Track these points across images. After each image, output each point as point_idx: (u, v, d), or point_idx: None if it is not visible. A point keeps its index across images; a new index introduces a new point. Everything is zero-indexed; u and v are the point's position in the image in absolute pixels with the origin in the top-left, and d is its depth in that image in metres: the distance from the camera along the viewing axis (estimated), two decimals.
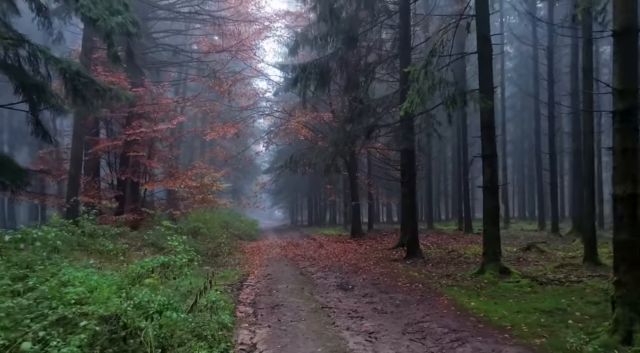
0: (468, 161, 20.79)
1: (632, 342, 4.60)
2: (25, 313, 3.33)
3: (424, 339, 5.42)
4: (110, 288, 4.15)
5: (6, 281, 4.11)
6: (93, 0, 6.59)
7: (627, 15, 4.86)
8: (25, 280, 4.38)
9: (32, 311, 3.37)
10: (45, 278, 4.45)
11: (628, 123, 4.89)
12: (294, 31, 19.09)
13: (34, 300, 3.56)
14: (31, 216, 34.87)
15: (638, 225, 4.95)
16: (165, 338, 4.36)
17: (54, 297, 3.72)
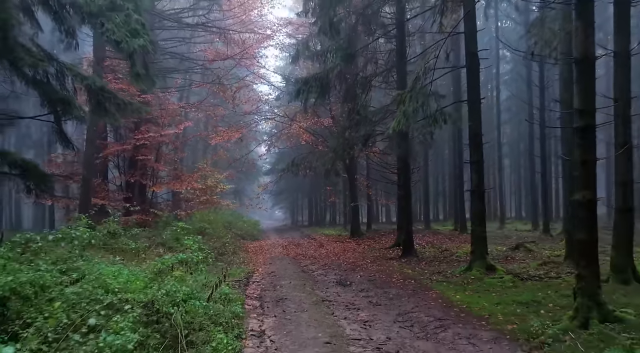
0: (462, 164, 21.55)
1: (588, 327, 5.36)
2: (80, 298, 4.08)
3: (412, 326, 6.19)
4: (144, 280, 4.91)
5: (55, 273, 4.88)
6: (116, 24, 7.37)
7: (586, 45, 5.62)
8: (70, 273, 5.15)
9: (86, 297, 4.13)
10: (85, 272, 5.22)
11: (587, 139, 5.66)
12: (295, 39, 19.86)
13: (84, 289, 4.32)
14: (35, 217, 35.66)
15: (595, 226, 5.71)
16: (188, 323, 5.13)
17: (100, 286, 4.48)
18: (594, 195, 5.66)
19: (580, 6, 5.62)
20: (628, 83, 7.77)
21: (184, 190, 18.22)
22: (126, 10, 8.12)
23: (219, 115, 21.88)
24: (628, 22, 7.74)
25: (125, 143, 17.15)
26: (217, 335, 5.19)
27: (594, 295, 5.60)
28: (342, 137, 12.44)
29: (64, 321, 3.56)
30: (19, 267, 4.77)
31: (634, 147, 8.13)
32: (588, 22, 5.61)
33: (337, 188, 30.64)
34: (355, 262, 12.88)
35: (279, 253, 16.51)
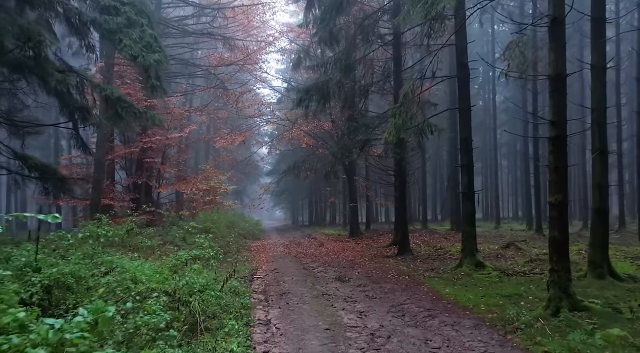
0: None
1: (558, 315, 6.03)
2: (115, 287, 4.75)
3: (403, 316, 6.86)
4: (165, 273, 5.58)
5: (88, 267, 5.55)
6: (133, 40, 8.03)
7: (558, 64, 6.30)
8: (99, 266, 5.82)
9: (120, 286, 4.79)
10: (112, 266, 5.90)
11: (559, 147, 6.33)
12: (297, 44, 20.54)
13: (116, 279, 4.99)
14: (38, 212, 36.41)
15: (567, 225, 6.39)
16: (203, 311, 5.81)
17: (129, 278, 5.15)
18: (565, 197, 6.34)
19: (553, 29, 6.29)
20: (604, 94, 8.44)
21: (189, 191, 18.89)
22: (141, 26, 8.80)
23: (222, 118, 22.57)
24: (604, 38, 8.41)
25: (133, 146, 17.81)
26: (229, 322, 5.86)
27: (564, 287, 6.28)
28: (341, 142, 13.12)
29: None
30: (56, 261, 5.45)
31: (609, 153, 8.77)
32: (560, 44, 6.29)
33: (337, 189, 31.33)
34: (354, 260, 13.55)
35: (281, 252, 17.15)
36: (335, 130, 19.83)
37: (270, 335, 6.00)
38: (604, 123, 8.42)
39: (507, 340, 5.49)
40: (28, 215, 3.22)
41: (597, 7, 8.46)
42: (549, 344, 5.11)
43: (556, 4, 6.26)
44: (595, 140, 8.46)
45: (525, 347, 5.18)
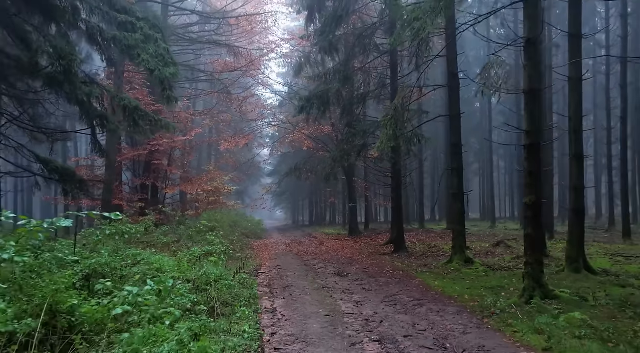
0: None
1: (531, 303, 6.82)
2: (145, 275, 5.53)
3: (395, 305, 7.65)
4: (185, 265, 6.39)
5: (118, 259, 6.35)
6: (150, 55, 8.81)
7: (532, 80, 7.09)
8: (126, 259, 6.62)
9: (148, 275, 5.58)
10: (137, 259, 6.70)
11: (533, 154, 7.12)
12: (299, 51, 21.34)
13: (145, 269, 5.78)
14: (43, 213, 37.20)
15: (540, 223, 7.18)
16: (218, 298, 6.60)
17: (155, 268, 5.94)
18: (539, 199, 7.13)
19: (528, 49, 7.08)
20: (580, 104, 9.24)
21: (195, 192, 19.67)
22: (155, 41, 9.59)
23: (226, 121, 23.38)
24: (580, 53, 9.20)
25: (141, 148, 18.58)
26: (240, 309, 6.65)
27: (537, 278, 7.08)
28: (340, 147, 13.93)
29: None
30: (90, 254, 6.24)
31: (585, 157, 9.55)
32: (534, 62, 7.08)
33: (337, 190, 32.10)
34: (352, 257, 14.34)
35: (283, 250, 17.94)
36: (335, 133, 20.64)
37: (276, 320, 6.79)
38: (579, 130, 9.21)
39: (483, 323, 6.29)
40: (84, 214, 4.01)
41: (574, 25, 9.24)
42: (518, 326, 5.91)
43: (531, 27, 7.05)
44: (572, 146, 9.26)
45: (497, 328, 5.98)
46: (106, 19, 9.85)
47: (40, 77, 8.29)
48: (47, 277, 4.45)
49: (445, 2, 6.39)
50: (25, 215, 4.94)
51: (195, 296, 5.58)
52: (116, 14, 9.88)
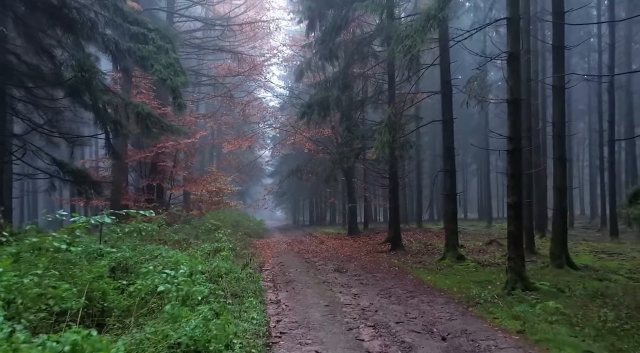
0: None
1: (512, 294, 7.50)
2: (165, 268, 6.20)
3: (389, 297, 8.32)
4: (198, 259, 7.06)
5: (137, 253, 7.02)
6: (162, 66, 9.48)
7: (514, 90, 7.77)
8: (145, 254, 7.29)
9: (168, 267, 6.24)
10: (155, 254, 7.38)
11: (514, 158, 7.80)
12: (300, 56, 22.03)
13: (164, 263, 6.45)
14: (49, 211, 37.94)
15: (521, 221, 7.85)
16: (228, 289, 7.27)
17: (172, 262, 6.61)
18: (520, 199, 7.81)
19: (510, 63, 7.76)
20: (563, 111, 9.91)
21: (199, 192, 20.34)
22: (166, 51, 10.26)
23: (229, 123, 24.06)
24: (562, 64, 9.87)
25: (147, 150, 19.26)
26: (248, 299, 7.32)
27: (519, 272, 7.76)
28: (340, 149, 14.64)
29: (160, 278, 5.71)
30: (112, 249, 6.92)
31: (567, 160, 10.22)
32: (515, 75, 7.76)
33: (337, 190, 32.75)
34: (351, 255, 15.01)
35: (284, 248, 18.60)
36: (335, 135, 21.31)
37: (280, 309, 7.47)
38: (563, 135, 9.88)
39: (468, 311, 6.96)
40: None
41: (557, 37, 9.91)
42: (498, 313, 6.59)
43: (512, 43, 7.72)
44: (555, 150, 9.93)
45: (480, 316, 6.65)
46: (119, 31, 10.51)
47: (62, 87, 8.97)
48: (81, 266, 5.13)
49: (432, 23, 7.11)
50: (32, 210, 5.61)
51: (211, 285, 6.24)
52: (129, 25, 10.55)
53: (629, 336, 5.23)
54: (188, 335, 3.64)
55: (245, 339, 5.22)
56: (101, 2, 10.40)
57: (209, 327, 3.76)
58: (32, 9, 8.75)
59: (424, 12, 7.28)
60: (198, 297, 4.37)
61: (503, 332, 5.82)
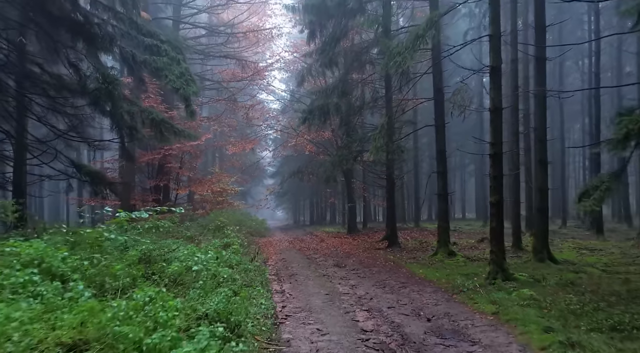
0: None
1: (494, 283, 8.35)
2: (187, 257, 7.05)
3: (384, 287, 9.17)
4: (212, 252, 7.90)
5: (158, 246, 7.88)
6: (176, 76, 10.33)
7: (496, 100, 8.62)
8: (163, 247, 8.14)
9: (189, 257, 7.09)
10: (174, 247, 8.23)
11: (496, 162, 8.65)
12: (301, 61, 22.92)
13: (185, 253, 7.30)
14: (51, 209, 38.92)
15: (502, 219, 8.70)
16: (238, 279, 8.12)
17: (191, 253, 7.46)
18: (501, 198, 8.66)
19: (492, 75, 8.61)
20: (544, 117, 10.77)
21: (205, 192, 21.19)
22: (178, 62, 11.12)
23: (232, 126, 24.93)
24: (544, 74, 10.72)
25: (155, 152, 20.10)
26: (256, 288, 8.17)
27: (500, 264, 8.61)
28: (339, 152, 15.51)
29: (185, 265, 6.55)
30: (135, 243, 7.76)
31: (548, 163, 11.06)
32: (497, 86, 8.61)
33: (337, 191, 33.59)
34: (350, 252, 15.86)
35: (286, 246, 19.45)
36: (335, 138, 22.17)
37: (285, 297, 8.32)
38: (544, 140, 10.73)
39: (452, 298, 7.82)
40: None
41: (539, 50, 10.76)
42: (478, 299, 7.44)
43: (494, 57, 8.57)
44: (537, 153, 10.78)
45: (462, 302, 7.51)
46: (134, 42, 11.37)
47: (86, 96, 9.83)
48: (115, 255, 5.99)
49: (421, 41, 7.96)
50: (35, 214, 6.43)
51: (229, 269, 7.11)
52: (143, 37, 11.41)
53: (586, 315, 6.08)
54: (213, 309, 4.49)
55: (256, 320, 6.08)
56: (117, 15, 11.27)
57: (230, 301, 4.60)
58: (57, 24, 9.59)
59: (413, 32, 8.16)
60: (223, 276, 5.23)
61: (480, 314, 6.68)
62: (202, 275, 5.29)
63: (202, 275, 5.27)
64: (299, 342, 5.48)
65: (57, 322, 2.84)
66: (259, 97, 25.18)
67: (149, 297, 3.37)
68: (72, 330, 2.79)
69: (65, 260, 4.27)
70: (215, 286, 5.28)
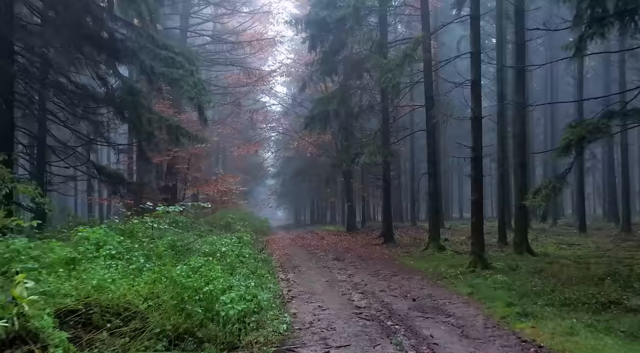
0: (440, 170, 25.72)
1: (474, 271, 9.49)
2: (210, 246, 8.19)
3: (377, 276, 10.31)
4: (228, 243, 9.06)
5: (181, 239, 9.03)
6: (190, 86, 11.46)
7: (476, 110, 9.77)
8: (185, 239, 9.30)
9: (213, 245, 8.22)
10: (194, 238, 9.40)
11: (476, 165, 9.80)
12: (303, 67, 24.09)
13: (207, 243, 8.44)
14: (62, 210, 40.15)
15: (482, 214, 9.85)
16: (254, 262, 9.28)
17: (211, 243, 8.61)
18: (481, 197, 9.82)
19: (473, 88, 9.76)
20: (523, 125, 11.92)
21: (212, 192, 22.36)
22: (191, 73, 12.27)
23: (237, 129, 26.11)
24: (523, 86, 11.88)
25: (165, 154, 21.26)
26: (265, 276, 9.32)
27: (479, 254, 9.77)
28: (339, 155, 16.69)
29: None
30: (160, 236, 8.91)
31: (528, 165, 12.17)
32: (477, 97, 9.76)
33: (337, 191, 34.73)
34: (349, 247, 17.00)
35: (289, 243, 20.58)
36: (335, 141, 23.33)
37: (290, 284, 9.46)
38: (523, 143, 11.89)
39: (436, 283, 8.97)
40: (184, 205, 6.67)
41: (520, 60, 11.91)
42: (457, 284, 8.60)
43: (475, 73, 9.72)
44: (516, 156, 11.94)
45: (444, 286, 8.66)
46: (151, 55, 12.51)
47: (111, 105, 10.99)
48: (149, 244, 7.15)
49: (409, 60, 9.11)
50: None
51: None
52: (159, 50, 12.55)
53: (544, 294, 7.23)
54: (242, 273, 5.65)
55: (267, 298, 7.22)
56: (136, 30, 12.42)
57: (250, 277, 5.75)
58: (86, 41, 10.73)
59: (402, 51, 9.32)
60: (246, 255, 6.38)
61: (457, 295, 7.84)
62: (228, 254, 6.45)
63: (229, 254, 6.44)
64: (304, 314, 6.64)
65: (133, 282, 3.99)
66: (262, 101, 26.32)
67: (200, 263, 4.51)
68: (146, 285, 3.94)
69: (121, 243, 5.40)
70: (238, 263, 6.44)
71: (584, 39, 6.13)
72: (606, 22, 5.82)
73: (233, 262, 5.79)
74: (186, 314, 3.81)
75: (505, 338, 5.38)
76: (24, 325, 2.99)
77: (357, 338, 5.44)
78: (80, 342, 3.29)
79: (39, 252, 4.28)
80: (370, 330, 5.80)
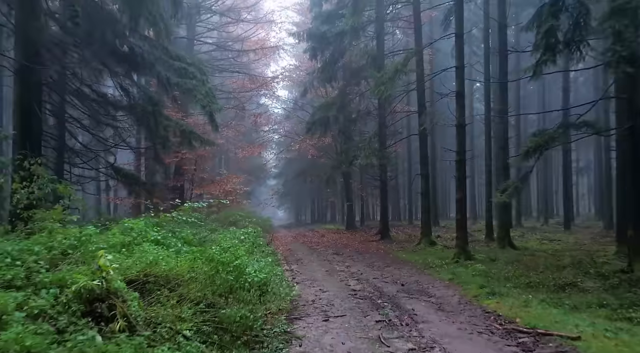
0: (435, 171, 26.86)
1: (457, 262, 10.66)
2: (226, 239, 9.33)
3: (372, 267, 11.48)
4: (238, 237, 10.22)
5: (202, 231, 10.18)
6: (203, 95, 12.62)
7: (460, 118, 10.93)
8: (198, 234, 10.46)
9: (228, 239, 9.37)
10: (210, 233, 10.57)
11: (460, 167, 10.96)
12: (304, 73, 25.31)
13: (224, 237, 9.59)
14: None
15: (465, 211, 11.01)
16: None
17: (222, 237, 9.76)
18: (464, 195, 10.97)
19: (457, 99, 10.93)
20: (506, 131, 13.08)
21: (217, 192, 23.52)
22: (203, 83, 13.43)
23: (241, 132, 27.30)
24: (506, 96, 13.03)
25: (173, 155, 22.42)
26: (273, 266, 10.47)
27: (463, 247, 10.93)
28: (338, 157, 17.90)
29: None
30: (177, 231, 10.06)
31: (510, 168, 13.33)
32: (461, 106, 10.92)
33: (336, 191, 35.91)
34: (347, 244, 18.17)
35: (291, 240, 21.74)
36: (335, 143, 24.53)
37: (294, 273, 10.63)
38: (506, 147, 13.05)
39: (423, 272, 10.14)
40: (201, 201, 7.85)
41: (503, 72, 13.07)
42: (442, 272, 9.76)
43: (459, 85, 10.89)
44: (499, 159, 13.10)
45: (430, 274, 9.83)
46: (166, 66, 13.67)
47: (132, 113, 12.16)
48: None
49: (399, 74, 10.27)
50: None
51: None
52: (173, 61, 13.71)
53: (514, 279, 8.41)
54: (253, 267, 6.81)
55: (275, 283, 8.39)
56: (152, 43, 13.59)
57: (262, 263, 6.91)
58: (109, 54, 11.89)
59: (394, 65, 10.48)
60: (260, 243, 7.54)
61: (440, 281, 9.01)
62: (246, 242, 7.65)
63: (247, 241, 7.65)
64: (307, 295, 7.82)
65: (176, 260, 5.18)
66: (265, 104, 27.49)
67: (229, 245, 5.69)
68: (187, 262, 5.13)
69: (158, 233, 6.56)
70: (255, 248, 7.63)
71: (540, 64, 7.29)
72: (557, 50, 6.96)
73: (250, 247, 6.95)
74: (220, 282, 5.01)
75: (473, 310, 6.56)
76: (108, 285, 4.16)
77: (352, 311, 6.62)
78: (144, 301, 4.46)
79: (103, 237, 5.47)
80: (363, 305, 6.98)
